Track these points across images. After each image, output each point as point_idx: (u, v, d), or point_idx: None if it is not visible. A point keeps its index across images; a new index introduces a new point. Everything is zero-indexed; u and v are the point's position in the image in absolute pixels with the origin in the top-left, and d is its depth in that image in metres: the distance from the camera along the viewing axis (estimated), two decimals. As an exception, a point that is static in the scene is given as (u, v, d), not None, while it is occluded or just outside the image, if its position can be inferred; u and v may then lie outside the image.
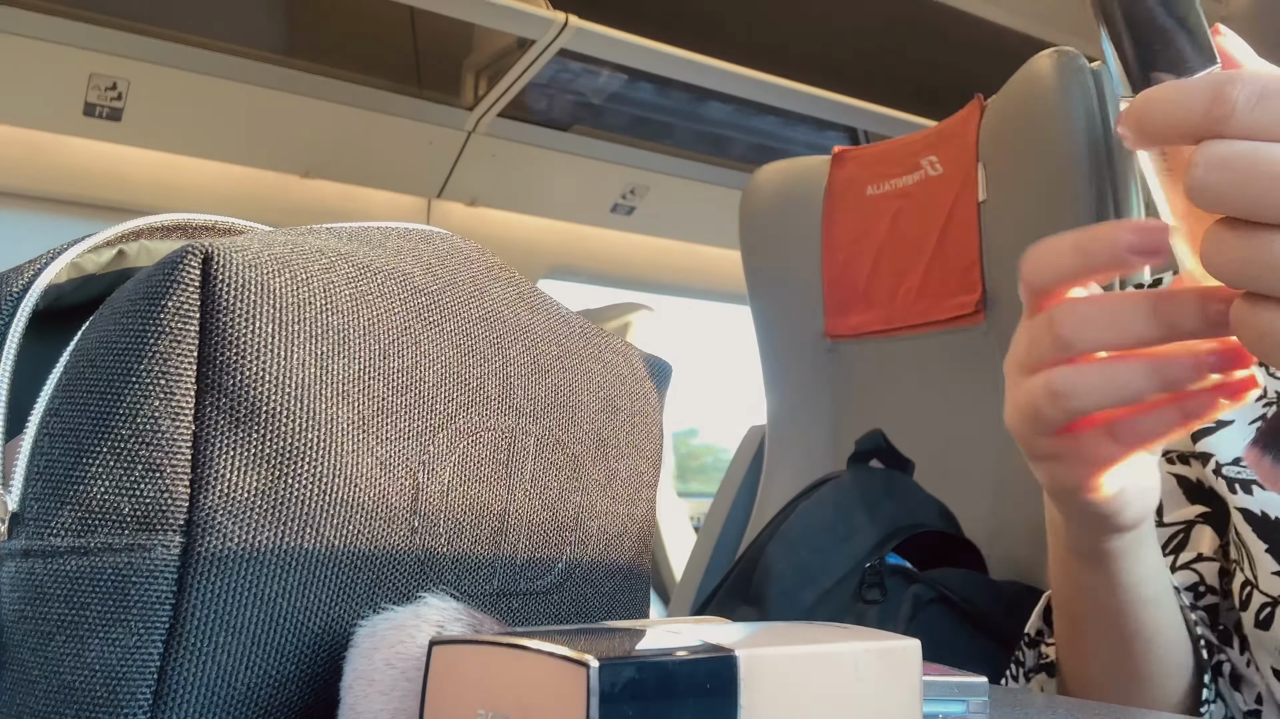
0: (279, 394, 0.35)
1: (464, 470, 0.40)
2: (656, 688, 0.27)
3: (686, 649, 0.29)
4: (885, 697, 0.33)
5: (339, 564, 0.36)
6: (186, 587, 0.33)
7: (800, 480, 1.14)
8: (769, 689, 0.29)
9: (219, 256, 0.34)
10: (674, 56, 2.18)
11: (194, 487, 0.33)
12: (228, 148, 2.31)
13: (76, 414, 0.34)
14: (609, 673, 0.26)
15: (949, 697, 0.43)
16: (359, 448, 0.37)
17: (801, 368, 1.30)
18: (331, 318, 0.37)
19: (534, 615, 0.43)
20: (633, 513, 0.48)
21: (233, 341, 0.34)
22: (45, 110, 2.09)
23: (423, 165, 2.49)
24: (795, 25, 2.34)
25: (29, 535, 0.34)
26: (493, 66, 2.31)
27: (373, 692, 0.31)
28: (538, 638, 0.28)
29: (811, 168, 1.32)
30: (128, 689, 0.32)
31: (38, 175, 2.17)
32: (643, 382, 0.49)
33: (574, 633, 0.31)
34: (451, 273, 0.43)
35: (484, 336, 0.42)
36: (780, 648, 0.31)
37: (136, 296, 0.35)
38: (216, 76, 2.10)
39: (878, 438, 1.00)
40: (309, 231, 0.40)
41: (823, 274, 1.27)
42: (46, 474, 0.34)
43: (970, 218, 1.11)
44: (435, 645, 0.29)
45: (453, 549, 0.40)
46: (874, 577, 0.86)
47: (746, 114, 2.60)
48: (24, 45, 1.93)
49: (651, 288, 3.00)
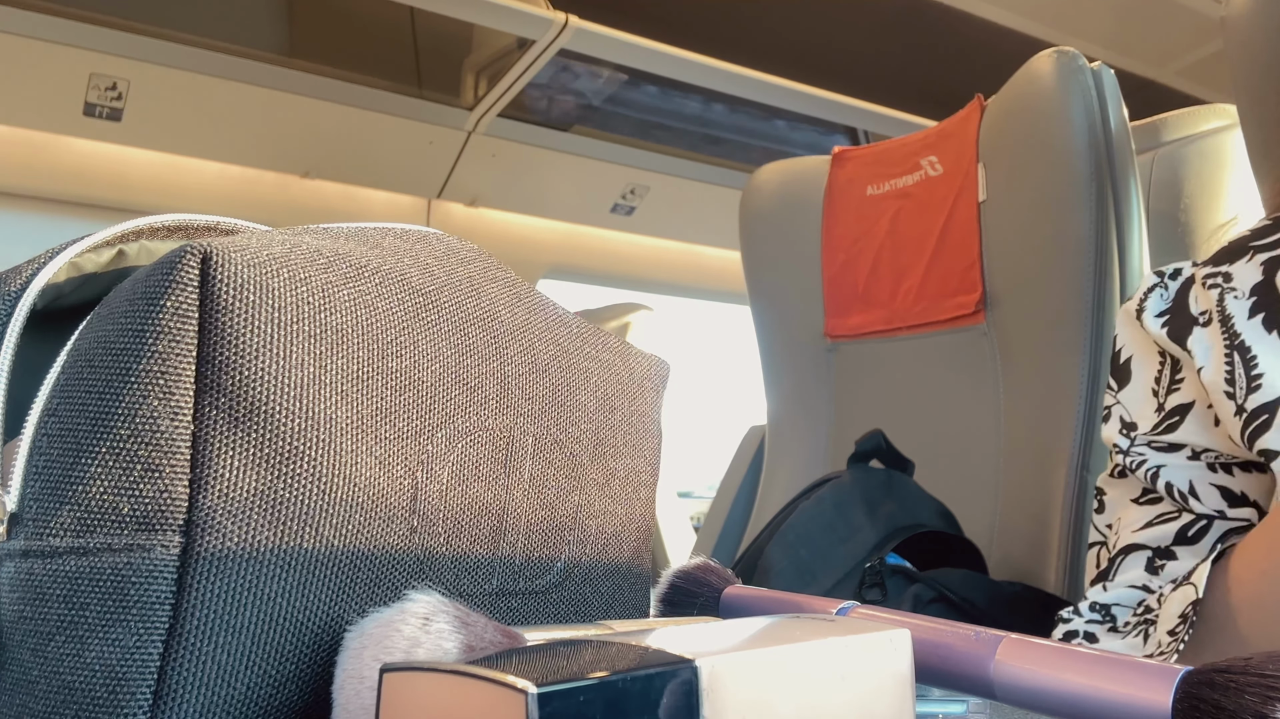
0: (278, 394, 0.35)
1: (462, 470, 0.40)
2: (605, 710, 0.25)
3: (640, 662, 0.27)
4: (874, 692, 0.31)
5: (338, 564, 0.36)
6: (186, 587, 0.33)
7: (800, 480, 1.14)
8: (737, 698, 0.27)
9: (217, 256, 0.34)
10: (674, 56, 2.18)
11: (193, 487, 0.33)
12: (228, 148, 2.31)
13: (75, 414, 0.34)
14: (549, 700, 0.24)
15: (949, 696, 0.43)
16: (358, 447, 0.37)
17: (801, 368, 1.30)
18: (330, 318, 0.37)
19: (533, 615, 0.43)
20: (631, 512, 0.48)
21: (231, 341, 0.34)
22: (45, 110, 2.09)
23: (423, 165, 2.49)
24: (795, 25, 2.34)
25: (28, 536, 0.34)
26: (493, 66, 2.31)
27: (363, 688, 0.31)
28: (484, 663, 0.26)
29: (811, 168, 1.32)
30: (128, 689, 0.32)
31: (38, 175, 2.17)
32: (640, 381, 0.49)
33: (529, 652, 0.29)
34: (449, 273, 0.43)
35: (482, 337, 0.42)
36: (747, 651, 0.29)
37: (135, 296, 0.35)
38: (216, 76, 2.10)
39: (878, 438, 1.00)
40: (306, 231, 0.40)
41: (823, 274, 1.28)
42: (45, 474, 0.34)
43: (970, 218, 1.11)
44: (386, 673, 0.28)
45: (451, 548, 0.40)
46: (874, 577, 0.86)
47: (746, 114, 2.60)
48: (24, 45, 1.93)
49: (651, 288, 3.00)
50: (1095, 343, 0.98)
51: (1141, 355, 0.67)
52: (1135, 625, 0.61)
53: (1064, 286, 1.00)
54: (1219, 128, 1.15)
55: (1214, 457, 0.62)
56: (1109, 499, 0.69)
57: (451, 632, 0.31)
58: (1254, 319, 0.60)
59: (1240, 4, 0.81)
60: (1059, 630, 0.65)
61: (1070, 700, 0.33)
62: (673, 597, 0.48)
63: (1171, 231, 1.13)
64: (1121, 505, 0.67)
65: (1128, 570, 0.64)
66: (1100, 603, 0.64)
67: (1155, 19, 2.34)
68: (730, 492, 1.38)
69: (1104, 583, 0.65)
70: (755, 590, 0.47)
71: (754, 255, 1.36)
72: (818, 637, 0.31)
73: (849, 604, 0.42)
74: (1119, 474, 0.67)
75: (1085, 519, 0.95)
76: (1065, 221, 0.99)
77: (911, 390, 1.18)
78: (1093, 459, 0.96)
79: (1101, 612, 0.64)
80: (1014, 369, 1.06)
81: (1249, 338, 0.59)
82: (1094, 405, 0.97)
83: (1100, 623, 0.63)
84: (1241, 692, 0.29)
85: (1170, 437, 0.63)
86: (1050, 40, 1.75)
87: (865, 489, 0.93)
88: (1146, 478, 0.64)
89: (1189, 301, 0.64)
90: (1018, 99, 1.07)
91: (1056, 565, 0.95)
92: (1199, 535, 0.62)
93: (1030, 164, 1.04)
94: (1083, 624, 0.64)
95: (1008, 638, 0.36)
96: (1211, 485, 0.62)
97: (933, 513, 0.95)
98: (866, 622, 0.34)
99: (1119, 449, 0.65)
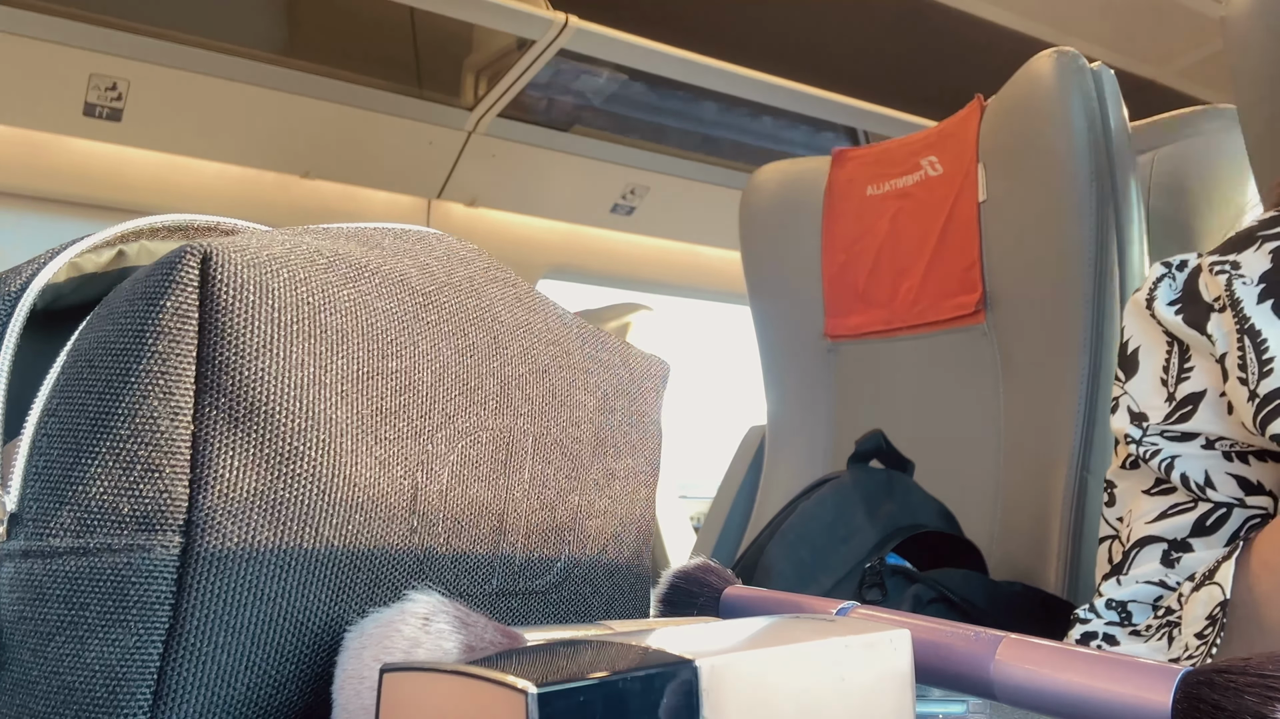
0: (278, 394, 0.35)
1: (462, 470, 0.40)
2: (605, 710, 0.25)
3: (640, 662, 0.27)
4: (874, 692, 0.31)
5: (338, 564, 0.36)
6: (186, 587, 0.33)
7: (800, 480, 1.14)
8: (737, 698, 0.27)
9: (217, 256, 0.34)
10: (674, 57, 2.18)
11: (193, 487, 0.33)
12: (228, 148, 2.31)
13: (75, 415, 0.34)
14: (549, 700, 0.24)
15: (949, 696, 0.43)
16: (358, 448, 0.37)
17: (801, 368, 1.30)
18: (330, 318, 0.37)
19: (533, 614, 0.43)
20: (631, 512, 0.48)
21: (231, 341, 0.34)
22: (45, 110, 2.09)
23: (423, 165, 2.49)
24: (795, 25, 2.34)
25: (28, 536, 0.34)
26: (493, 67, 2.31)
27: (363, 688, 0.31)
28: (484, 663, 0.26)
29: (811, 168, 1.32)
30: (128, 690, 0.32)
31: (38, 175, 2.17)
32: (640, 381, 0.49)
33: (529, 652, 0.29)
34: (449, 273, 0.43)
35: (481, 337, 0.42)
36: (747, 651, 0.28)
37: (134, 297, 0.34)
38: (216, 76, 2.10)
39: (878, 438, 1.00)
40: (306, 232, 0.40)
41: (822, 274, 1.28)
42: (45, 475, 0.34)
43: (970, 218, 1.11)
44: (386, 673, 0.28)
45: (451, 549, 0.40)
46: (874, 577, 0.86)
47: (746, 114, 2.60)
48: (24, 45, 1.93)
49: (651, 288, 3.00)
50: (1095, 343, 0.98)
51: (1149, 345, 0.67)
52: (1157, 628, 0.61)
53: (1064, 286, 0.99)
54: (1219, 128, 1.15)
55: (1229, 445, 0.62)
56: (1119, 491, 0.69)
57: (451, 632, 0.31)
58: (1264, 304, 0.59)
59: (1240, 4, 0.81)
60: (1076, 631, 0.64)
61: (1070, 700, 0.33)
62: (673, 597, 0.48)
63: (1171, 232, 1.13)
64: (1133, 497, 0.67)
65: (1143, 564, 0.64)
66: (1116, 599, 0.63)
67: (1155, 19, 2.34)
68: (730, 492, 1.38)
69: (1118, 577, 0.64)
70: (755, 591, 0.47)
71: (754, 255, 1.36)
72: (818, 637, 0.30)
73: (849, 604, 0.42)
74: (1130, 465, 0.67)
75: (1085, 519, 0.95)
76: (1065, 222, 0.99)
77: (911, 391, 1.18)
78: (1093, 459, 0.96)
79: (1118, 609, 0.63)
80: (1014, 369, 1.06)
81: (1259, 322, 0.59)
82: (1094, 405, 0.97)
83: (1119, 623, 0.63)
84: (1241, 692, 0.29)
85: (1184, 426, 0.63)
86: (1050, 40, 1.75)
87: (865, 489, 0.93)
88: (1160, 469, 0.63)
89: (1199, 289, 0.64)
90: (1018, 99, 1.07)
91: (1056, 565, 0.95)
92: (1216, 525, 0.62)
93: (1030, 164, 1.04)
94: (1102, 625, 0.63)
95: (1007, 638, 0.36)
96: (1228, 475, 0.62)
97: (933, 513, 0.95)
98: (866, 622, 0.34)
99: (1131, 440, 0.65)
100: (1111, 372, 0.96)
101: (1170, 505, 0.64)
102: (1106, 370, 0.97)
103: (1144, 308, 0.67)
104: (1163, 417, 0.64)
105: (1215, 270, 0.62)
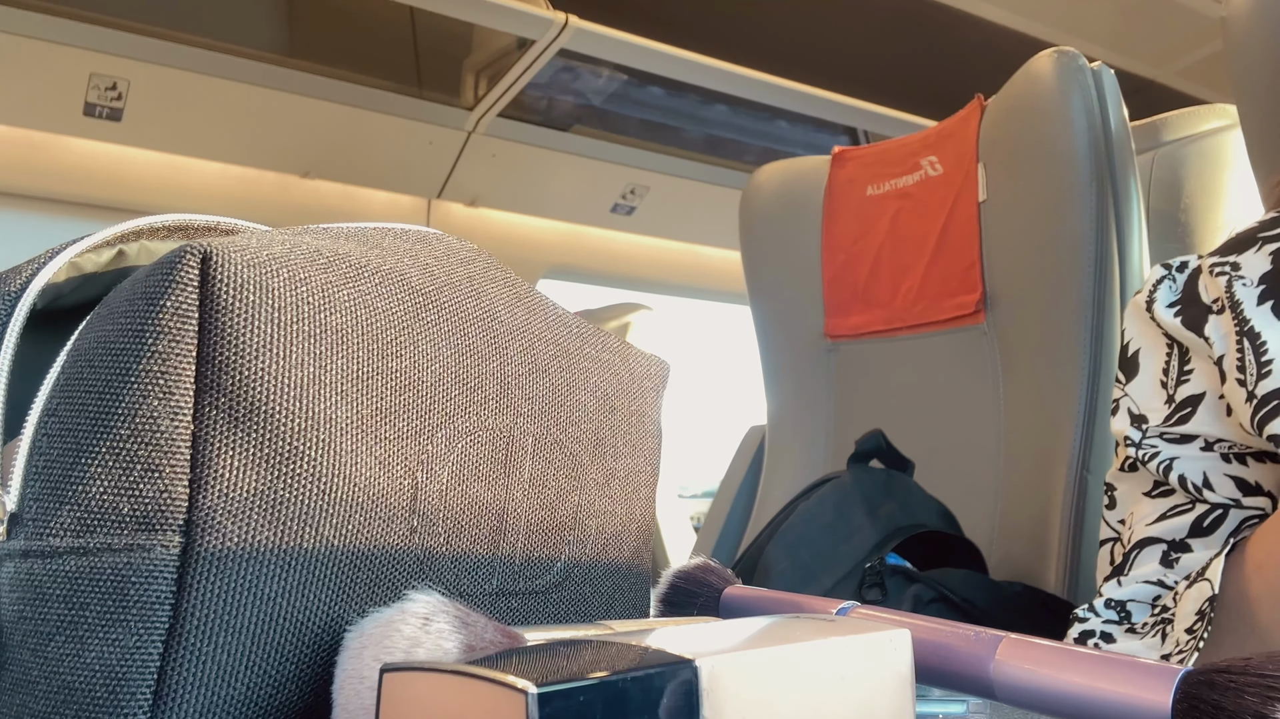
0: (278, 394, 0.35)
1: (462, 470, 0.40)
2: (605, 710, 0.25)
3: (640, 662, 0.27)
4: (874, 692, 0.31)
5: (338, 564, 0.36)
6: (186, 587, 0.33)
7: (800, 480, 1.14)
8: (737, 698, 0.27)
9: (217, 256, 0.34)
10: (674, 57, 2.18)
11: (193, 486, 0.33)
12: (228, 148, 2.31)
13: (75, 414, 0.34)
14: (549, 700, 0.24)
15: (949, 696, 0.43)
16: (358, 447, 0.37)
17: (801, 368, 1.30)
18: (330, 317, 0.37)
19: (533, 614, 0.43)
20: (631, 512, 0.48)
21: (231, 341, 0.34)
22: (45, 110, 2.09)
23: (423, 165, 2.49)
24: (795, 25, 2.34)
25: (28, 536, 0.34)
26: (493, 67, 2.31)
27: (363, 688, 0.31)
28: (484, 663, 0.26)
29: (811, 168, 1.32)
30: (128, 689, 0.32)
31: (38, 175, 2.17)
32: (640, 381, 0.49)
33: (529, 652, 0.29)
34: (448, 273, 0.43)
35: (481, 336, 0.42)
36: (747, 651, 0.28)
37: (134, 296, 0.34)
38: (216, 76, 2.10)
39: (878, 438, 1.00)
40: (306, 231, 0.40)
41: (823, 274, 1.28)
42: (45, 474, 0.34)
43: (970, 218, 1.11)
44: (386, 673, 0.28)
45: (451, 548, 0.40)
46: (874, 577, 0.86)
47: (747, 114, 2.60)
48: (24, 45, 1.93)
49: (651, 288, 3.00)
50: (1095, 343, 0.98)
51: (1149, 347, 0.67)
52: (1153, 625, 0.61)
53: (1064, 287, 0.99)
54: (1219, 128, 1.15)
55: (1227, 447, 0.62)
56: (1120, 494, 0.69)
57: (451, 632, 0.31)
58: (1263, 306, 0.60)
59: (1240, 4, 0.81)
60: (1075, 629, 0.64)
61: (1070, 701, 0.33)
62: (673, 597, 0.48)
63: (1171, 231, 1.13)
64: (1133, 499, 0.67)
65: (1142, 565, 0.64)
66: (1115, 599, 0.63)
67: (1155, 19, 2.34)
68: (730, 492, 1.38)
69: (1119, 578, 0.64)
70: (755, 590, 0.47)
71: (754, 255, 1.36)
72: (818, 637, 0.30)
73: (849, 604, 0.42)
74: (1129, 468, 0.67)
75: (1085, 519, 0.95)
76: (1065, 221, 0.99)
77: (911, 390, 1.18)
78: (1093, 459, 0.96)
79: (1117, 608, 0.63)
80: (1014, 369, 1.06)
81: (1258, 324, 0.59)
82: (1094, 405, 0.97)
83: (1117, 622, 0.63)
84: (1241, 692, 0.29)
85: (1183, 428, 0.63)
86: (1050, 40, 1.75)
87: (865, 489, 0.93)
88: (1159, 471, 0.63)
89: (1199, 290, 0.64)
90: (1018, 99, 1.07)
91: (1056, 565, 0.95)
92: (1214, 526, 0.62)
93: (1030, 164, 1.04)
94: (1099, 624, 0.63)
95: (1007, 638, 0.36)
96: (1226, 476, 0.62)
97: (933, 513, 0.95)
98: (866, 622, 0.34)
99: (1130, 442, 0.65)
100: (1112, 371, 0.96)
101: (1170, 507, 0.64)
102: (1106, 370, 0.97)
103: (1144, 310, 0.67)
104: (1162, 419, 0.64)
105: (1215, 272, 0.62)
